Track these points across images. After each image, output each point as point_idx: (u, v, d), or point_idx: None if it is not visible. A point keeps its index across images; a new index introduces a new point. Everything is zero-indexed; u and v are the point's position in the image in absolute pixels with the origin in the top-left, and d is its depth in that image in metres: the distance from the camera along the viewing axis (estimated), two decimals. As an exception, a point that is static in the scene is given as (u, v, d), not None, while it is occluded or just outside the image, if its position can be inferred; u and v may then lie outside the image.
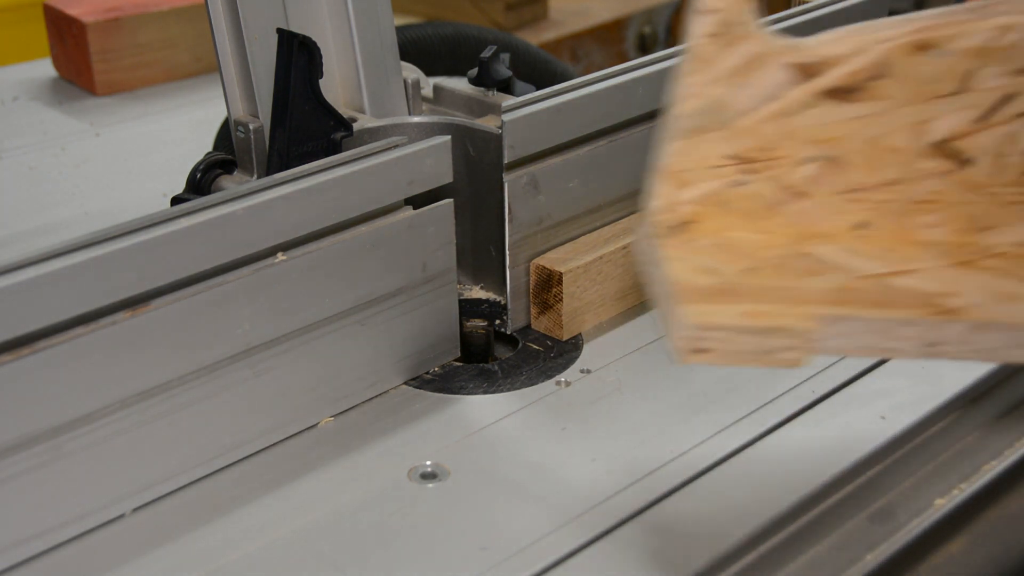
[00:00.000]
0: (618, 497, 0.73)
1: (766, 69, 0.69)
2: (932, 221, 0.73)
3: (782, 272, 0.69)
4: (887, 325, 0.67)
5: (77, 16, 1.45)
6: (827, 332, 0.67)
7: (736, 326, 0.65)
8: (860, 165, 0.71)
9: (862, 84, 0.69)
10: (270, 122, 0.91)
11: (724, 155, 0.70)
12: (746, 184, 0.71)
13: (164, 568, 0.69)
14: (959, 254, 0.72)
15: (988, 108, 0.70)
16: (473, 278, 0.95)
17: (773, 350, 0.66)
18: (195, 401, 0.74)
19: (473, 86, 0.99)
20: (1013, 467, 0.81)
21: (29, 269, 0.67)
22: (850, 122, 0.70)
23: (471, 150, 0.91)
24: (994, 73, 0.69)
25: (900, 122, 0.70)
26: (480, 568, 0.68)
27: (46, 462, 0.69)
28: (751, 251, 0.70)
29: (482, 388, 0.85)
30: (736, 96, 0.69)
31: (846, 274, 0.70)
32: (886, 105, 0.70)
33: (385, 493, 0.74)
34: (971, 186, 0.73)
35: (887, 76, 0.69)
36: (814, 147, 0.71)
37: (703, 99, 0.69)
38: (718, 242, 0.70)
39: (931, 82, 0.69)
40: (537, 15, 2.37)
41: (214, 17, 0.91)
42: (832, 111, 0.70)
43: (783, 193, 0.71)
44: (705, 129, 0.69)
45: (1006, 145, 0.72)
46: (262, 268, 0.76)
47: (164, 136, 1.36)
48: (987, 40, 0.69)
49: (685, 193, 0.70)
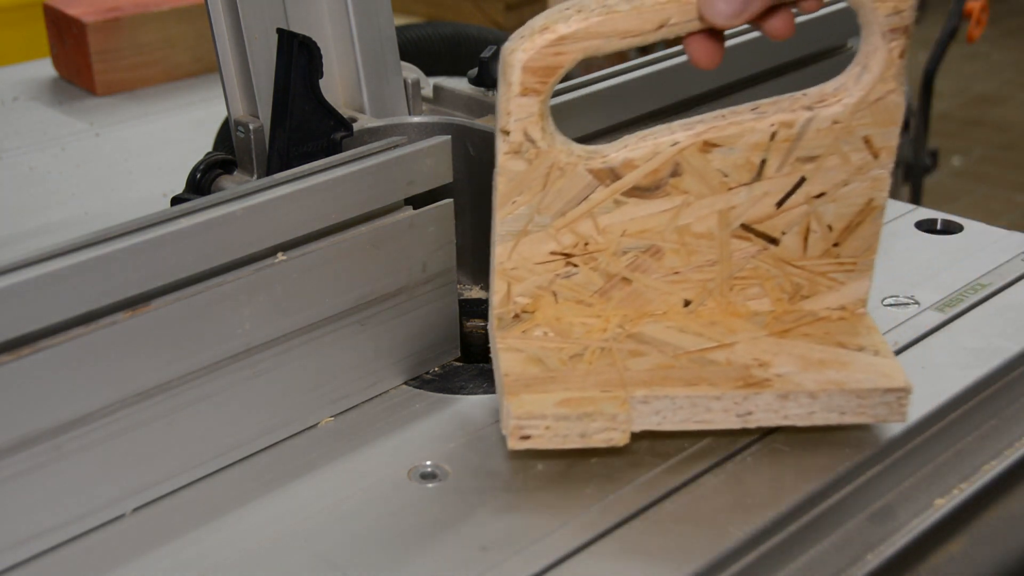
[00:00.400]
0: (618, 497, 0.73)
1: (570, 176, 0.75)
2: (755, 293, 0.81)
3: (606, 356, 0.77)
4: (697, 401, 0.74)
5: (77, 16, 1.45)
6: (642, 411, 0.74)
7: (553, 414, 0.72)
8: (676, 252, 0.79)
9: (662, 182, 0.77)
10: (270, 122, 0.91)
11: (549, 251, 0.77)
12: (573, 275, 0.79)
13: (164, 568, 0.69)
14: (779, 323, 0.81)
15: (784, 193, 0.78)
16: (473, 278, 0.95)
17: (591, 432, 0.73)
18: (195, 401, 0.74)
19: (473, 86, 0.99)
20: (1013, 467, 0.81)
21: (29, 269, 0.67)
22: (659, 215, 0.78)
23: (471, 150, 0.91)
24: (782, 163, 0.77)
25: (705, 211, 0.78)
26: (480, 568, 0.68)
27: (46, 462, 0.69)
28: (581, 336, 0.78)
29: (482, 388, 0.85)
30: (547, 202, 0.76)
31: (667, 353, 0.77)
32: (688, 198, 0.77)
33: (385, 493, 0.74)
34: (785, 260, 0.80)
35: (684, 173, 0.76)
36: (629, 239, 0.78)
37: (518, 207, 0.76)
38: (552, 330, 0.79)
39: (726, 175, 0.77)
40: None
41: (214, 17, 0.91)
42: (639, 207, 0.77)
43: (609, 281, 0.79)
44: (526, 232, 0.77)
45: (810, 223, 0.79)
46: (262, 268, 0.76)
47: (164, 136, 1.36)
48: (767, 136, 0.76)
49: (517, 288, 0.78)
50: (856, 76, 0.75)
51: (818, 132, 0.76)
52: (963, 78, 4.34)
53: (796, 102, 0.76)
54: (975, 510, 0.78)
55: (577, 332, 0.78)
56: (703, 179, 0.76)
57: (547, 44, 0.71)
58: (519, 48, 0.71)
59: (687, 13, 0.72)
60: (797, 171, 0.77)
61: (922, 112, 2.20)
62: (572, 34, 0.71)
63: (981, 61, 4.52)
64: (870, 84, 0.75)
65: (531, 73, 0.71)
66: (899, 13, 0.73)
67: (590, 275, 0.79)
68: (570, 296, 0.79)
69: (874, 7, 0.73)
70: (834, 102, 0.76)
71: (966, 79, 4.35)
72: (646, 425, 0.74)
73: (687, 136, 0.75)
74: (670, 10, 0.72)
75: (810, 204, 0.78)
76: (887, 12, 0.73)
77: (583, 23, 0.71)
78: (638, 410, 0.73)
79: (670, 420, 0.74)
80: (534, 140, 0.74)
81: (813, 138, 0.76)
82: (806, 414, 0.74)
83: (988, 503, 0.79)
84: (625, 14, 0.71)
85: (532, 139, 0.74)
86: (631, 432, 0.73)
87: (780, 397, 0.74)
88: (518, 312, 0.79)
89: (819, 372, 0.75)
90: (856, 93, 0.75)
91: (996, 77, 4.45)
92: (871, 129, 0.76)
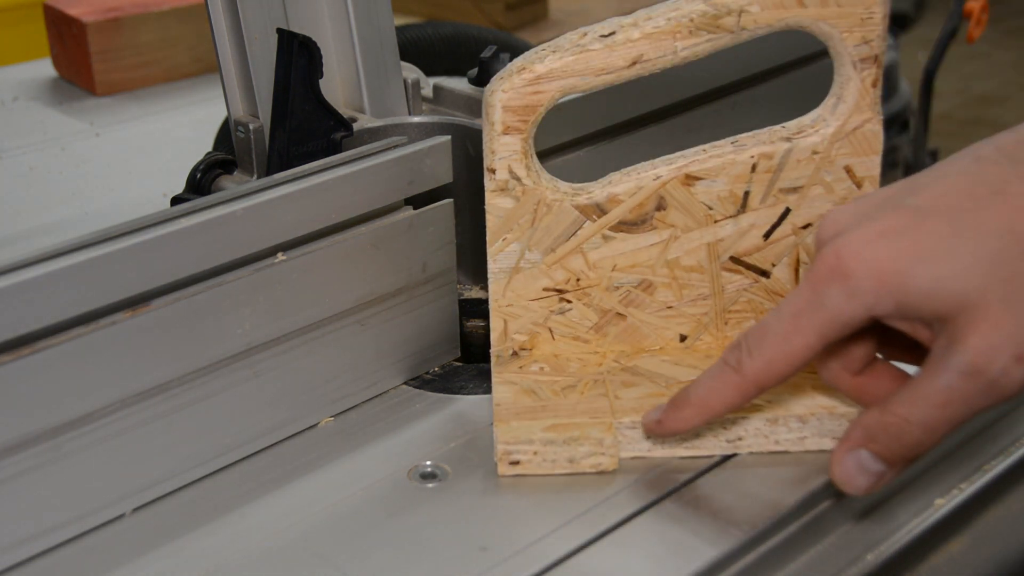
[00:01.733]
0: (618, 497, 0.73)
1: (557, 213, 0.77)
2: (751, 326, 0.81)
3: (599, 386, 0.78)
4: None
5: (77, 16, 1.45)
6: (630, 437, 0.75)
7: (541, 438, 0.73)
8: (668, 286, 0.80)
9: (648, 216, 0.78)
10: (270, 122, 0.91)
11: (542, 288, 0.79)
12: (568, 311, 0.80)
13: (164, 568, 0.69)
14: None
15: (771, 224, 0.79)
16: (473, 278, 0.95)
17: (579, 457, 0.74)
18: (195, 401, 0.74)
19: (473, 86, 0.99)
20: (1013, 467, 0.81)
21: (29, 269, 0.67)
22: (648, 249, 0.79)
23: (471, 150, 0.91)
24: (765, 194, 0.78)
25: (693, 244, 0.79)
26: (480, 568, 0.68)
27: (46, 462, 0.69)
28: (577, 370, 0.79)
29: (482, 388, 0.85)
30: (537, 238, 0.78)
31: (659, 383, 0.78)
32: (675, 231, 0.78)
33: (385, 493, 0.74)
34: (777, 292, 0.81)
35: (669, 207, 0.78)
36: (620, 274, 0.79)
37: (508, 243, 0.78)
38: (549, 365, 0.80)
39: (711, 207, 0.78)
40: (537, 15, 2.38)
41: (214, 17, 0.91)
42: (628, 242, 0.79)
43: (604, 316, 0.81)
44: (519, 268, 0.79)
45: (800, 254, 0.80)
46: (262, 268, 0.76)
47: (164, 136, 1.36)
48: (748, 167, 0.77)
49: (513, 325, 0.80)
50: (832, 106, 0.76)
51: (798, 163, 0.77)
52: (963, 78, 4.34)
53: (775, 134, 0.77)
54: (975, 510, 0.78)
55: (573, 367, 0.80)
56: (688, 212, 0.78)
57: (524, 84, 0.74)
58: (499, 89, 0.74)
59: (660, 49, 0.73)
60: (781, 202, 0.78)
61: (922, 112, 2.20)
62: (548, 73, 0.74)
63: (981, 61, 4.52)
64: (846, 114, 0.76)
65: (511, 112, 0.74)
66: (868, 43, 0.74)
67: (584, 311, 0.80)
68: (566, 332, 0.81)
69: (842, 37, 0.74)
70: (812, 132, 0.77)
71: (966, 79, 4.35)
72: (635, 451, 0.75)
73: (669, 170, 0.77)
74: (642, 47, 0.73)
75: (797, 235, 0.79)
76: (855, 42, 0.74)
77: (557, 62, 0.73)
78: (627, 436, 0.74)
79: (659, 446, 0.75)
80: (519, 178, 0.76)
81: (794, 168, 0.77)
82: (797, 439, 0.75)
83: (988, 503, 0.79)
84: (598, 52, 0.73)
85: (517, 176, 0.76)
86: (619, 458, 0.74)
87: (769, 421, 0.75)
88: (515, 349, 0.81)
89: (809, 397, 0.76)
90: (833, 123, 0.76)
91: (996, 77, 4.46)
92: (851, 159, 0.77)
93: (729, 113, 1.04)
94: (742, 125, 0.82)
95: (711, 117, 1.03)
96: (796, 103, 0.86)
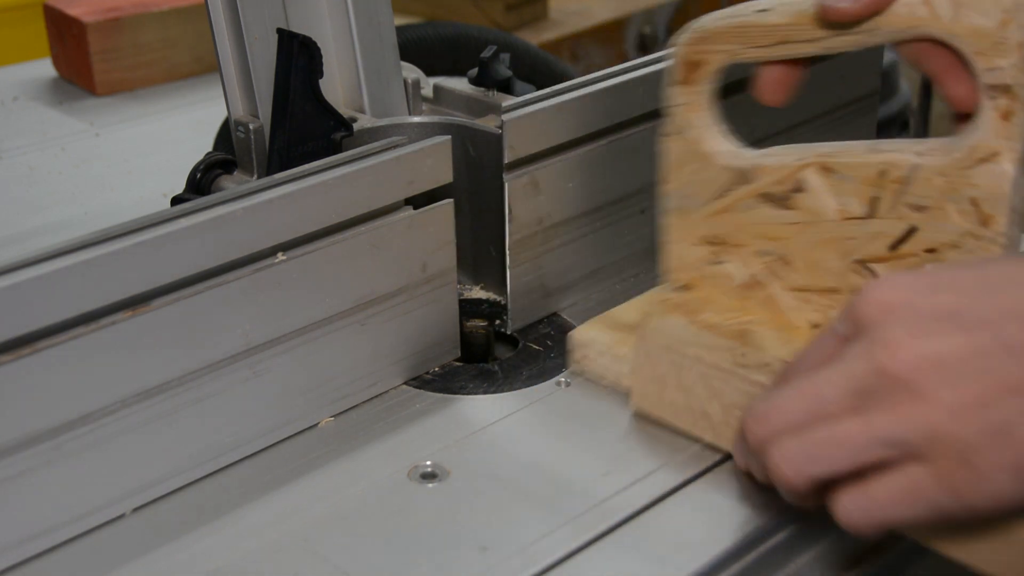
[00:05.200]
0: (618, 497, 0.73)
1: (710, 170, 0.79)
2: None
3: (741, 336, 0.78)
4: None
5: (77, 16, 1.45)
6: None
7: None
8: (803, 269, 0.79)
9: (788, 195, 0.77)
10: (270, 122, 0.91)
11: (701, 235, 0.81)
12: (722, 264, 0.81)
13: (164, 568, 0.69)
14: None
15: (897, 238, 0.76)
16: (473, 278, 0.95)
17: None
18: (195, 401, 0.74)
19: (473, 86, 0.99)
20: (1013, 467, 0.81)
21: (29, 269, 0.67)
22: (788, 226, 0.78)
23: (471, 150, 0.91)
24: (892, 204, 0.75)
25: (826, 235, 0.78)
26: (480, 568, 0.68)
27: (46, 462, 0.69)
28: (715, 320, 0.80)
29: (482, 388, 0.85)
30: (695, 189, 0.80)
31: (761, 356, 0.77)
32: (810, 216, 0.78)
33: (385, 493, 0.74)
34: None
35: (805, 191, 0.77)
36: (765, 242, 0.79)
37: (675, 186, 0.81)
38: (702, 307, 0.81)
39: (842, 202, 0.76)
40: (537, 15, 2.38)
41: (214, 17, 0.91)
42: (771, 214, 0.79)
43: (748, 279, 0.81)
44: (684, 210, 0.81)
45: None
46: (262, 268, 0.76)
47: (164, 136, 1.36)
48: (877, 171, 0.75)
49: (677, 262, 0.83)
50: (966, 132, 0.72)
51: (926, 182, 0.73)
52: (963, 78, 4.33)
53: (908, 147, 0.74)
54: (975, 510, 0.78)
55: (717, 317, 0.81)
56: (822, 201, 0.77)
57: (691, 41, 0.77)
58: (680, 41, 0.77)
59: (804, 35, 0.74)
60: (908, 217, 0.74)
61: (922, 112, 2.20)
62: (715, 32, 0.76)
63: (981, 61, 4.51)
64: (976, 141, 0.71)
65: (683, 65, 0.78)
66: (997, 69, 0.68)
67: (733, 267, 0.81)
68: (717, 285, 0.82)
69: (974, 58, 0.69)
70: (941, 154, 0.72)
71: (966, 79, 4.35)
72: None
73: (811, 155, 0.77)
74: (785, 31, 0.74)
75: (920, 258, 0.75)
76: (986, 66, 0.69)
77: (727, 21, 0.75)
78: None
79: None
80: (687, 127, 0.79)
81: (921, 187, 0.73)
82: None
83: (988, 503, 0.79)
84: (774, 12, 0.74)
85: (686, 125, 0.79)
86: None
87: None
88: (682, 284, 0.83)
89: None
90: (962, 148, 0.71)
91: (996, 77, 4.45)
92: (978, 191, 0.72)
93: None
94: (752, 124, 0.82)
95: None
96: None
